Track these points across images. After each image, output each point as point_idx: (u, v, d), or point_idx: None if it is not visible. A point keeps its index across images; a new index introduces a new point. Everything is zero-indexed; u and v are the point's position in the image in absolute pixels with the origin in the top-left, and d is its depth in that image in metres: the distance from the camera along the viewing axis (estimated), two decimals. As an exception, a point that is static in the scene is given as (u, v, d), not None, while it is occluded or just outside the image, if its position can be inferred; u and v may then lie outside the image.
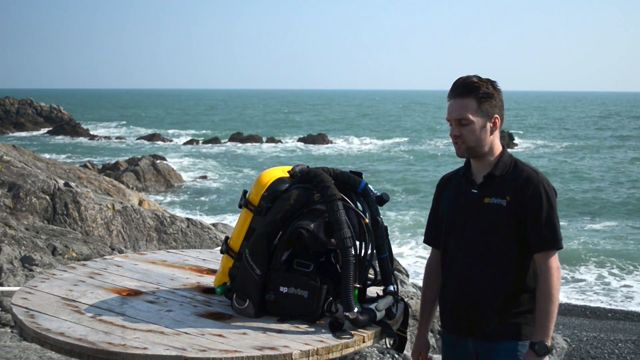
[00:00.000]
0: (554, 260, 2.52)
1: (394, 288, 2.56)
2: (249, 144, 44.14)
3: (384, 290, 2.57)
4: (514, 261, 2.56)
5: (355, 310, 2.35)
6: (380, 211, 2.61)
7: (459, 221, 2.66)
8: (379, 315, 2.44)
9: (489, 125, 2.58)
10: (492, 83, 2.59)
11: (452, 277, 2.69)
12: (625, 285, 13.07)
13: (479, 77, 2.59)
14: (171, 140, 45.93)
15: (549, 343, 2.47)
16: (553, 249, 2.52)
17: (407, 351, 5.44)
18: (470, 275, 2.62)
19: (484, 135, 2.58)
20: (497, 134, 2.62)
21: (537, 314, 2.51)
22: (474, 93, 2.55)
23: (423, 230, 2.94)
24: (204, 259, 3.33)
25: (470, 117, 2.54)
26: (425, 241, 2.90)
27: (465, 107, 2.55)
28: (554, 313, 2.51)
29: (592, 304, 12.01)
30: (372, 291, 2.67)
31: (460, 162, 2.79)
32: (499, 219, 2.56)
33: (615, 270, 13.98)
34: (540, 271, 2.53)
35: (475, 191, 2.63)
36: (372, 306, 2.44)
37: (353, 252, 2.39)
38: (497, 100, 2.59)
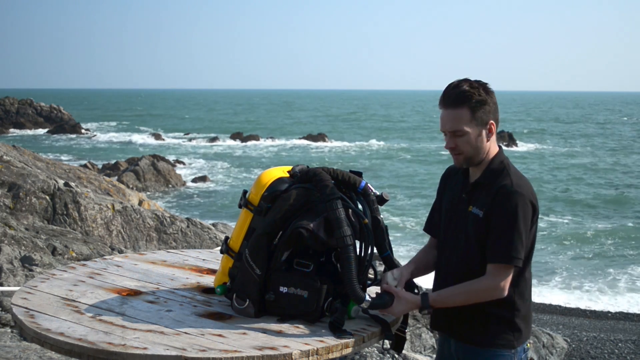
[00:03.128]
0: (503, 279, 2.38)
1: None
2: (249, 143, 44.18)
3: None
4: None
5: (367, 298, 2.41)
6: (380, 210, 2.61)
7: (451, 223, 2.60)
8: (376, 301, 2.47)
9: (484, 132, 2.46)
10: (483, 87, 2.45)
11: (439, 272, 2.65)
12: (625, 285, 13.07)
13: (471, 83, 2.45)
14: (171, 140, 45.93)
15: (431, 304, 2.44)
16: (503, 263, 2.38)
17: (407, 351, 5.45)
18: (451, 275, 2.56)
19: (481, 144, 2.46)
20: (493, 138, 2.51)
21: (451, 287, 2.46)
22: (467, 102, 2.41)
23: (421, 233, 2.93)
24: (204, 259, 3.32)
25: (465, 128, 2.42)
26: (425, 229, 2.80)
27: (459, 118, 2.42)
28: (457, 300, 2.44)
29: (592, 304, 12.01)
30: (372, 291, 2.67)
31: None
32: (477, 229, 2.46)
33: (615, 270, 13.97)
34: (486, 275, 2.41)
35: (464, 196, 2.55)
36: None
37: (353, 250, 2.39)
38: (491, 104, 2.45)
